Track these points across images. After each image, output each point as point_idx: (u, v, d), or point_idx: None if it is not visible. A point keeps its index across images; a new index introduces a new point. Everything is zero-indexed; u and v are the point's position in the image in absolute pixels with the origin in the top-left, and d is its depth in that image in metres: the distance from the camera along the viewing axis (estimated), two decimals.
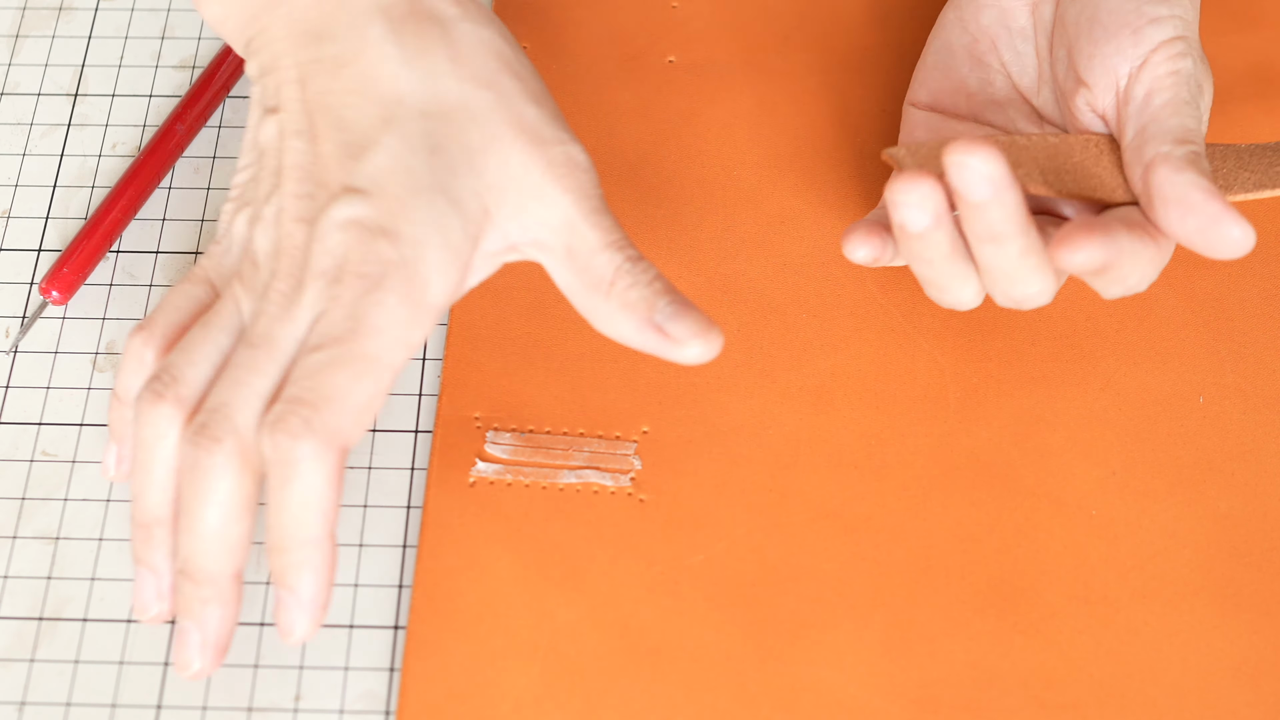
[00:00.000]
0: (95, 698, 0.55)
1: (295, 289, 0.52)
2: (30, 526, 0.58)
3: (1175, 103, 0.55)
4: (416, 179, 0.53)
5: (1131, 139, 0.56)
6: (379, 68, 0.54)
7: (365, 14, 0.54)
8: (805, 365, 0.60)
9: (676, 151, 0.65)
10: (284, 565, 0.52)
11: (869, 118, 0.66)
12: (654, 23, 0.68)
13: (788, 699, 0.54)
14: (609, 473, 0.58)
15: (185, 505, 0.51)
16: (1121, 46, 0.56)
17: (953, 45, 0.61)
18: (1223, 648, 0.55)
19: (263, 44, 0.55)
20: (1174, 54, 0.56)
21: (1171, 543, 0.57)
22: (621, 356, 0.61)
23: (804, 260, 0.62)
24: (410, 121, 0.53)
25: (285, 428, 0.50)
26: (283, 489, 0.51)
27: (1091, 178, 0.57)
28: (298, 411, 0.50)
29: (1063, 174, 0.57)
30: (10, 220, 0.65)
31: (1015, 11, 0.60)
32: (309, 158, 0.53)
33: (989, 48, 0.61)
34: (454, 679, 0.55)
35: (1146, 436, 0.59)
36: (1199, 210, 0.53)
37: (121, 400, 0.55)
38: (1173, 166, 0.54)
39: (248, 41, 0.56)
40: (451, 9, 0.55)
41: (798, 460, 0.59)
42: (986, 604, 0.56)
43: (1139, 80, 0.56)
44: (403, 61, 0.54)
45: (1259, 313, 0.61)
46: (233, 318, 0.53)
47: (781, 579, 0.56)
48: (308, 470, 0.50)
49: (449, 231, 0.53)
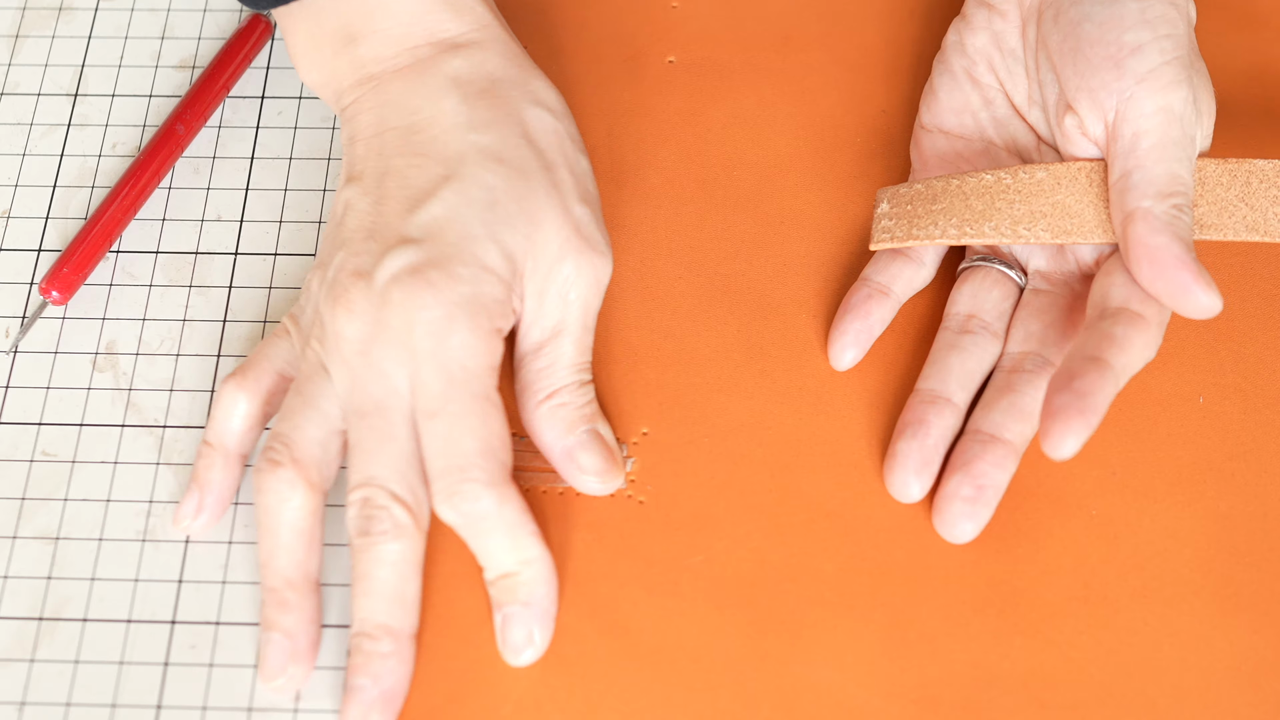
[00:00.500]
0: (95, 698, 0.55)
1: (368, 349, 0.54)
2: (30, 526, 0.58)
3: (1163, 145, 0.55)
4: (470, 228, 0.55)
5: (1116, 180, 0.55)
6: (448, 132, 0.57)
7: (442, 88, 0.58)
8: (805, 365, 0.60)
9: (676, 151, 0.65)
10: (514, 584, 0.54)
11: (869, 118, 0.66)
12: (654, 23, 0.68)
13: (788, 699, 0.54)
14: None
15: (359, 573, 0.54)
16: (1105, 81, 0.56)
17: (954, 68, 0.62)
18: (1223, 648, 0.55)
19: (353, 114, 0.59)
20: (1161, 86, 0.55)
21: (1171, 543, 0.57)
22: (621, 358, 0.61)
23: (804, 260, 0.62)
24: (469, 178, 0.56)
25: (463, 496, 0.53)
26: (488, 538, 0.54)
27: (1072, 217, 0.57)
28: (461, 483, 0.53)
29: (1036, 217, 0.57)
30: (10, 220, 0.65)
31: (1006, 34, 0.60)
32: (371, 218, 0.56)
33: (986, 69, 0.61)
34: (454, 680, 0.55)
35: (1146, 436, 0.59)
36: (1169, 276, 0.54)
37: (213, 446, 0.57)
38: (1150, 226, 0.54)
39: (342, 110, 0.60)
40: (526, 94, 0.58)
41: (798, 460, 0.58)
42: (986, 604, 0.56)
43: (1125, 119, 0.55)
44: (470, 127, 0.57)
45: (1259, 313, 0.61)
46: (323, 381, 0.56)
47: (781, 579, 0.56)
48: (504, 515, 0.54)
49: (500, 270, 0.55)
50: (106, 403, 0.61)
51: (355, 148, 0.58)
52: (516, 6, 0.68)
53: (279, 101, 0.67)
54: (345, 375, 0.55)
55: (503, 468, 0.54)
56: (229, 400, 0.57)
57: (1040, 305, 0.58)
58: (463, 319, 0.54)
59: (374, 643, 0.53)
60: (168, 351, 0.62)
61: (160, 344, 0.62)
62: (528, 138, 0.58)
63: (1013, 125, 0.61)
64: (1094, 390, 0.52)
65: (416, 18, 0.59)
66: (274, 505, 0.55)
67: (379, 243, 0.56)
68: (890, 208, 0.59)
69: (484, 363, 0.55)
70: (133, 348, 0.62)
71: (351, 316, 0.55)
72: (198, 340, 0.62)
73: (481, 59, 0.59)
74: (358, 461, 0.54)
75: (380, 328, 0.54)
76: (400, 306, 0.54)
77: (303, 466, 0.54)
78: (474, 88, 0.58)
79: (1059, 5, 0.58)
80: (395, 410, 0.54)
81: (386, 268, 0.55)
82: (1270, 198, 0.57)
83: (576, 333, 0.58)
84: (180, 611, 0.57)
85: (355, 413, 0.55)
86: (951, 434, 0.57)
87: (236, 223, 0.65)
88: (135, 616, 0.56)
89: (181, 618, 0.57)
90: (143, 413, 0.60)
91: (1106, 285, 0.56)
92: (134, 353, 0.62)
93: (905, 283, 0.60)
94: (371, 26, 0.58)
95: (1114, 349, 0.54)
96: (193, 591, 0.57)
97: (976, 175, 0.58)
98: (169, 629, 0.56)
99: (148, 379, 0.61)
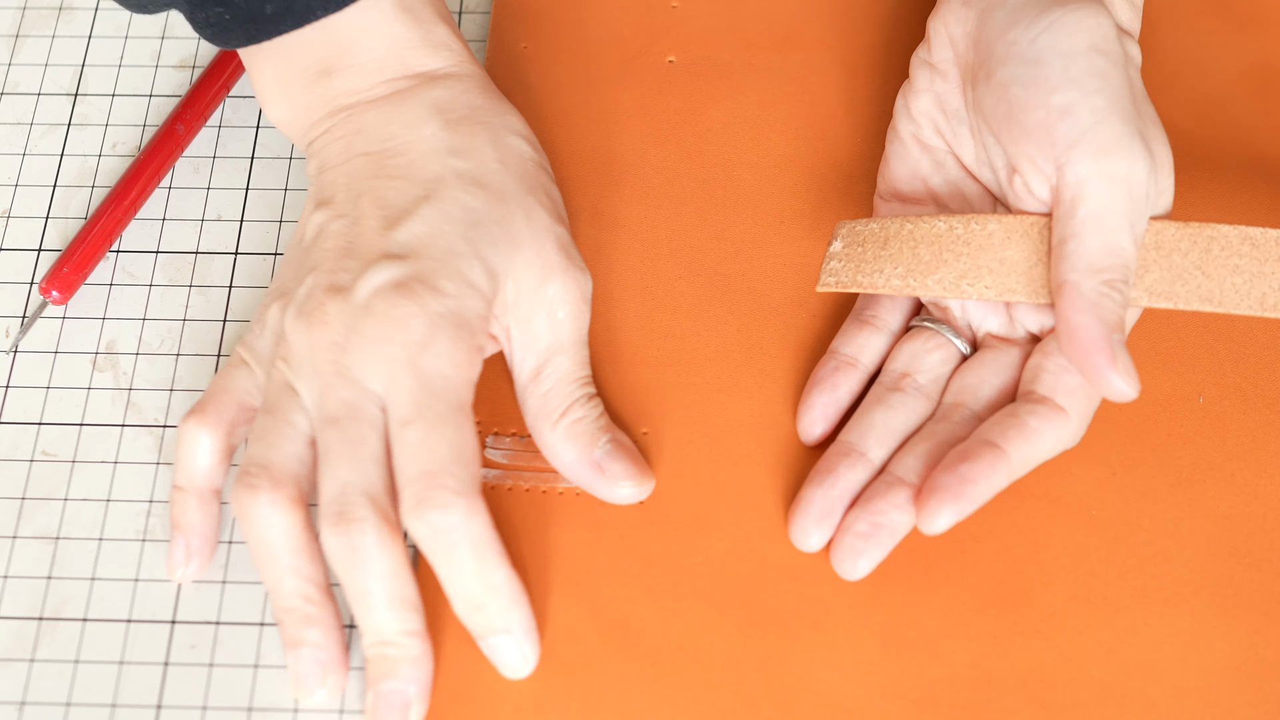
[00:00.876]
0: (95, 698, 0.55)
1: (341, 357, 0.53)
2: (30, 526, 0.58)
3: (1100, 213, 0.53)
4: (453, 243, 0.55)
5: (1055, 246, 0.54)
6: (427, 156, 0.57)
7: (422, 115, 0.58)
8: (805, 365, 0.60)
9: (676, 151, 0.65)
10: (489, 616, 0.53)
11: (869, 118, 0.66)
12: (654, 23, 0.68)
13: (788, 699, 0.54)
14: None
15: (354, 589, 0.53)
16: (1040, 147, 0.54)
17: (902, 134, 0.61)
18: (1223, 648, 0.55)
19: (322, 145, 0.58)
20: (1096, 150, 0.54)
21: (1171, 543, 0.57)
22: (621, 358, 0.61)
23: (804, 260, 0.62)
24: (449, 198, 0.56)
25: (431, 505, 0.52)
26: (453, 555, 0.52)
27: (1018, 275, 0.55)
28: (431, 489, 0.52)
29: (982, 272, 0.56)
30: (10, 220, 0.65)
31: (948, 95, 0.59)
32: (347, 238, 0.56)
33: (933, 132, 0.60)
34: (454, 679, 0.55)
35: (1146, 436, 0.59)
36: (1086, 358, 0.53)
37: (185, 489, 0.57)
38: (1074, 304, 0.53)
39: (310, 143, 0.59)
40: (502, 125, 0.58)
41: (798, 460, 0.58)
42: (986, 604, 0.56)
43: (1065, 183, 0.54)
44: (450, 152, 0.57)
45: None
46: (291, 398, 0.55)
47: (781, 579, 0.56)
48: (471, 529, 0.52)
49: (484, 288, 0.55)
50: (106, 403, 0.61)
51: (324, 176, 0.58)
52: (517, 6, 0.68)
53: None
54: (316, 385, 0.54)
55: (474, 480, 0.53)
56: (191, 438, 0.56)
57: (981, 361, 0.58)
58: (446, 330, 0.54)
59: (398, 649, 0.53)
60: (168, 351, 0.62)
61: (160, 344, 0.62)
62: (505, 164, 0.57)
63: (966, 186, 0.59)
64: (979, 478, 0.54)
65: (393, 53, 0.58)
66: (264, 531, 0.54)
67: (359, 260, 0.55)
68: (843, 246, 0.58)
69: (464, 375, 0.54)
70: (133, 347, 0.62)
71: (326, 329, 0.54)
72: (198, 340, 0.62)
73: (462, 89, 0.59)
74: (328, 468, 0.53)
75: (356, 336, 0.53)
76: (382, 317, 0.53)
77: (282, 485, 0.54)
78: (455, 114, 0.58)
79: (988, 66, 0.56)
80: (367, 416, 0.53)
81: (369, 282, 0.54)
82: (1230, 266, 0.55)
83: (573, 349, 0.57)
84: (180, 611, 0.57)
85: (325, 420, 0.53)
86: (859, 487, 0.56)
87: (236, 223, 0.65)
88: (135, 616, 0.56)
89: (181, 617, 0.57)
90: (143, 412, 0.60)
91: (1039, 366, 0.56)
92: (134, 352, 0.62)
93: (872, 353, 0.59)
94: (347, 61, 0.58)
95: (1020, 439, 0.54)
96: (193, 591, 0.57)
97: (930, 221, 0.57)
98: (169, 629, 0.56)
99: (148, 379, 0.61)
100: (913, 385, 0.57)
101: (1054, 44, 0.55)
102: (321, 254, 0.56)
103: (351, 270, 0.55)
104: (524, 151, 0.59)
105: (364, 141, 0.58)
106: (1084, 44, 0.55)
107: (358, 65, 0.58)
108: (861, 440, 0.56)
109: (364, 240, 0.55)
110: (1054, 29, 0.55)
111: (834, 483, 0.56)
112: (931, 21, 0.59)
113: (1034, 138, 0.55)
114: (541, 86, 0.67)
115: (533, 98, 0.66)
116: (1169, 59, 0.66)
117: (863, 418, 0.57)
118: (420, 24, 0.59)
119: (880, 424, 0.57)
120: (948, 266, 0.56)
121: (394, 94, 0.58)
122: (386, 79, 0.58)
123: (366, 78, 0.58)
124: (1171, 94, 0.65)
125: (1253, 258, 0.55)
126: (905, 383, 0.57)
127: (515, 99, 0.66)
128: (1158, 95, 0.64)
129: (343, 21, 0.58)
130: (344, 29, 0.58)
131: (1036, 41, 0.55)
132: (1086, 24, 0.55)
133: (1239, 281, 0.55)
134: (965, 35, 0.58)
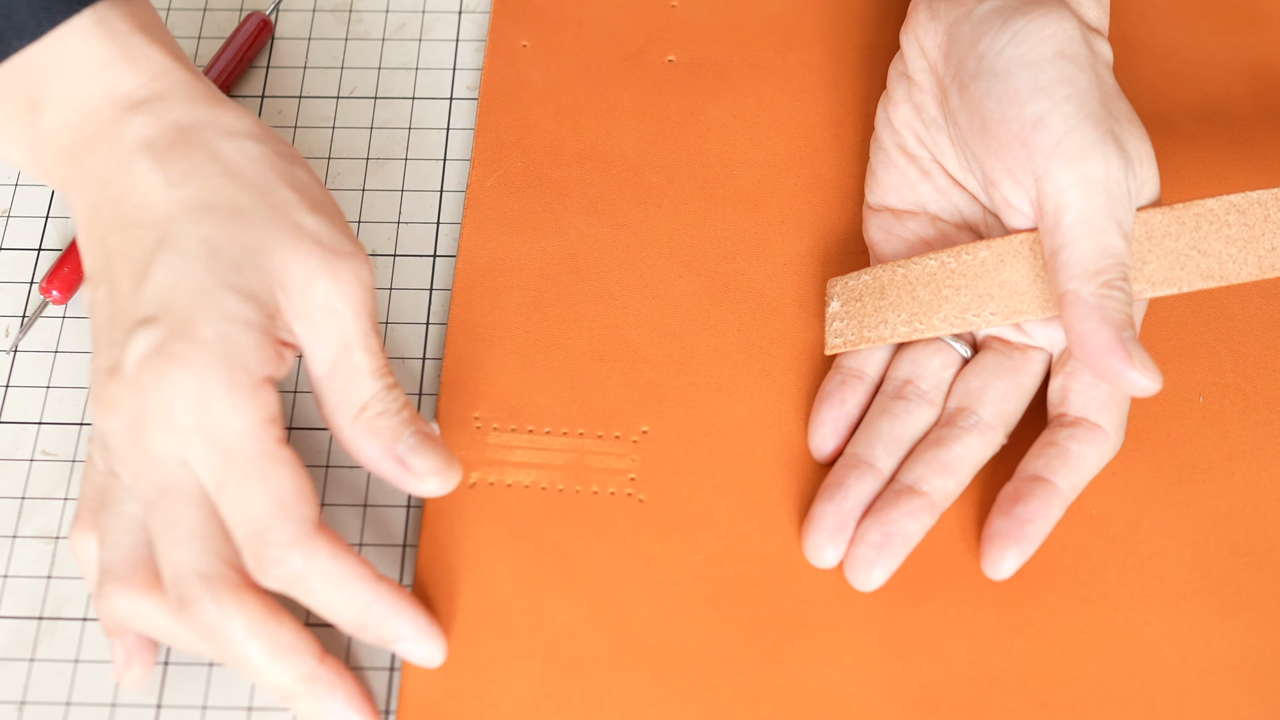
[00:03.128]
0: (95, 697, 0.55)
1: (138, 439, 0.52)
2: (30, 526, 0.58)
3: (1086, 218, 0.54)
4: (199, 282, 0.52)
5: (1048, 259, 0.55)
6: (149, 196, 0.54)
7: (131, 152, 0.54)
8: (805, 365, 0.60)
9: (676, 151, 0.65)
10: (374, 632, 0.53)
11: (869, 118, 0.66)
12: (654, 23, 0.68)
13: (788, 699, 0.54)
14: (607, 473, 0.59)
15: (230, 662, 0.52)
16: (1018, 160, 0.55)
17: (886, 145, 0.61)
18: (1223, 648, 0.55)
19: (69, 199, 0.56)
20: (1072, 157, 0.54)
21: (1171, 542, 0.57)
22: (621, 356, 0.61)
23: (804, 260, 0.62)
24: (182, 235, 0.53)
25: (269, 564, 0.51)
26: (313, 596, 0.52)
27: (1019, 295, 0.56)
28: (263, 549, 0.51)
29: (984, 300, 0.56)
30: (10, 220, 0.65)
31: (925, 104, 0.59)
32: (109, 308, 0.54)
33: (915, 142, 0.60)
34: (454, 679, 0.55)
35: (1146, 436, 0.59)
36: (1102, 363, 0.53)
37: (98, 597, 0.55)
38: (1078, 312, 0.53)
39: (64, 195, 0.57)
40: (218, 131, 0.55)
41: (798, 460, 0.59)
42: (986, 604, 0.56)
43: (1045, 194, 0.54)
44: (169, 184, 0.54)
45: (1259, 313, 0.61)
46: (117, 485, 0.54)
47: (781, 579, 0.56)
48: (316, 569, 0.52)
49: (247, 315, 0.52)
50: None
51: (81, 239, 0.56)
52: (516, 6, 0.68)
53: (279, 101, 0.67)
54: (127, 472, 0.53)
55: (303, 522, 0.52)
56: (81, 547, 0.55)
57: (984, 365, 0.58)
58: (218, 382, 0.51)
59: (308, 690, 0.52)
60: None
61: None
62: (231, 175, 0.54)
63: (954, 194, 0.59)
64: (1035, 517, 0.55)
65: (91, 74, 0.55)
66: (150, 626, 0.53)
67: (121, 330, 0.53)
68: (841, 306, 0.59)
69: (254, 418, 0.52)
70: None
71: (116, 414, 0.52)
72: None
73: (164, 110, 0.55)
74: (159, 554, 0.52)
75: (142, 415, 0.52)
76: (153, 389, 0.52)
77: (128, 579, 0.53)
78: (163, 143, 0.55)
79: (961, 79, 0.56)
80: (181, 492, 0.52)
81: (131, 354, 0.52)
82: (1223, 238, 0.55)
83: (362, 340, 0.55)
84: None
85: (145, 505, 0.52)
86: (870, 498, 0.56)
87: None
88: None
89: None
90: None
91: (1065, 388, 0.56)
92: None
93: (876, 363, 0.59)
94: (49, 91, 0.55)
95: (1066, 468, 0.55)
96: None
97: (921, 261, 0.57)
98: None
99: None
100: (916, 392, 0.58)
101: (1020, 54, 0.55)
102: (96, 331, 0.54)
103: (119, 343, 0.53)
104: (250, 151, 0.55)
105: (96, 192, 0.55)
106: (1049, 51, 0.55)
107: (61, 95, 0.55)
108: (869, 451, 0.57)
109: (121, 307, 0.53)
110: (1019, 39, 0.55)
111: (845, 496, 0.56)
112: (903, 35, 0.59)
113: (1010, 150, 0.55)
114: (541, 85, 0.67)
115: (532, 97, 0.66)
116: (1169, 59, 0.66)
117: (869, 428, 0.57)
118: (115, 38, 0.55)
119: (887, 433, 0.57)
120: (949, 302, 0.57)
121: (102, 129, 0.55)
122: (91, 109, 0.55)
123: (72, 109, 0.55)
124: (1171, 94, 0.65)
125: (1241, 225, 0.55)
126: (908, 390, 0.58)
127: (515, 98, 0.66)
128: (1158, 95, 0.64)
129: (43, 49, 0.55)
130: (44, 56, 0.55)
131: (1003, 53, 0.55)
132: (1050, 30, 0.55)
133: (1234, 251, 0.55)
134: (936, 48, 0.58)
